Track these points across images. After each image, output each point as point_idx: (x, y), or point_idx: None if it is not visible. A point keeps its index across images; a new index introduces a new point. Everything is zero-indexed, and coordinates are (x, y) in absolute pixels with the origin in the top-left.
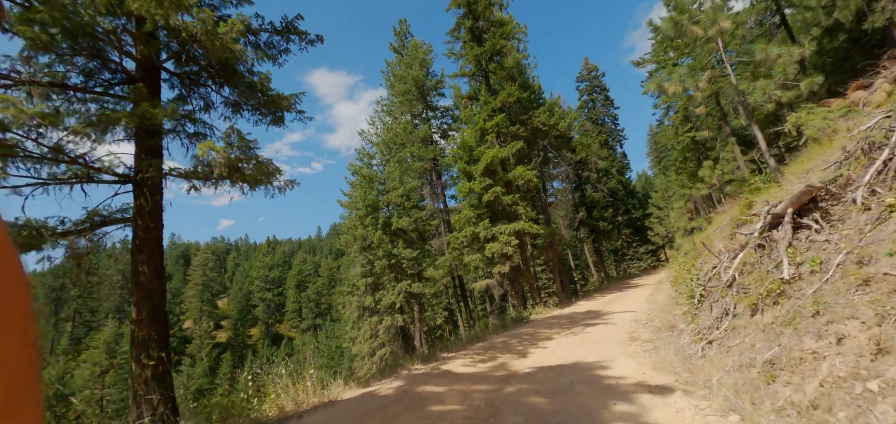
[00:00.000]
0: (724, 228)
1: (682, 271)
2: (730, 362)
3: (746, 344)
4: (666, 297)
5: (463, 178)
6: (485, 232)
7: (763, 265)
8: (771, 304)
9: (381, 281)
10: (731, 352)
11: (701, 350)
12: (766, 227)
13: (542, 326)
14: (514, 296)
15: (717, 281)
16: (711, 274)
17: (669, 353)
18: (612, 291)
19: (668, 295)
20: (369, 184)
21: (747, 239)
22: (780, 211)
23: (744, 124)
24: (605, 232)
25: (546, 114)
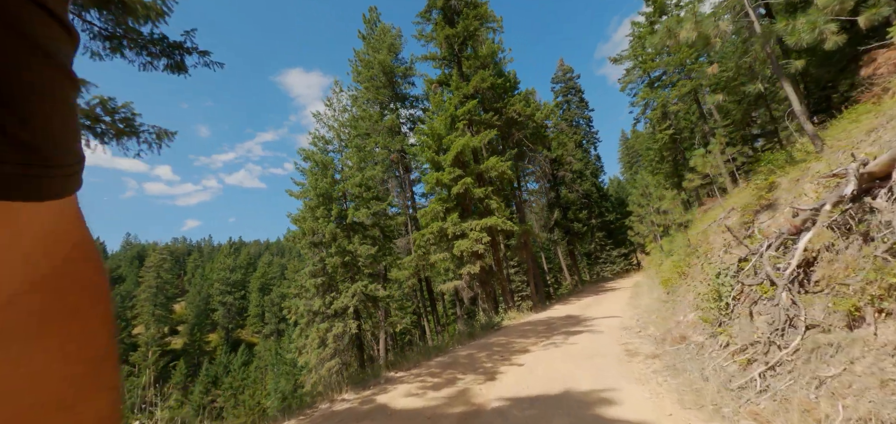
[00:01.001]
0: (725, 220)
1: (675, 269)
2: (835, 410)
3: (863, 376)
4: (653, 300)
5: (431, 169)
6: (454, 228)
7: (850, 250)
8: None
9: (334, 281)
10: (827, 389)
11: (758, 379)
12: (854, 195)
13: (515, 334)
14: (485, 300)
15: (751, 278)
16: (745, 270)
17: (697, 378)
18: (587, 294)
19: (657, 298)
20: (323, 172)
21: (812, 215)
22: (879, 168)
23: (762, 89)
24: (580, 235)
25: (522, 103)
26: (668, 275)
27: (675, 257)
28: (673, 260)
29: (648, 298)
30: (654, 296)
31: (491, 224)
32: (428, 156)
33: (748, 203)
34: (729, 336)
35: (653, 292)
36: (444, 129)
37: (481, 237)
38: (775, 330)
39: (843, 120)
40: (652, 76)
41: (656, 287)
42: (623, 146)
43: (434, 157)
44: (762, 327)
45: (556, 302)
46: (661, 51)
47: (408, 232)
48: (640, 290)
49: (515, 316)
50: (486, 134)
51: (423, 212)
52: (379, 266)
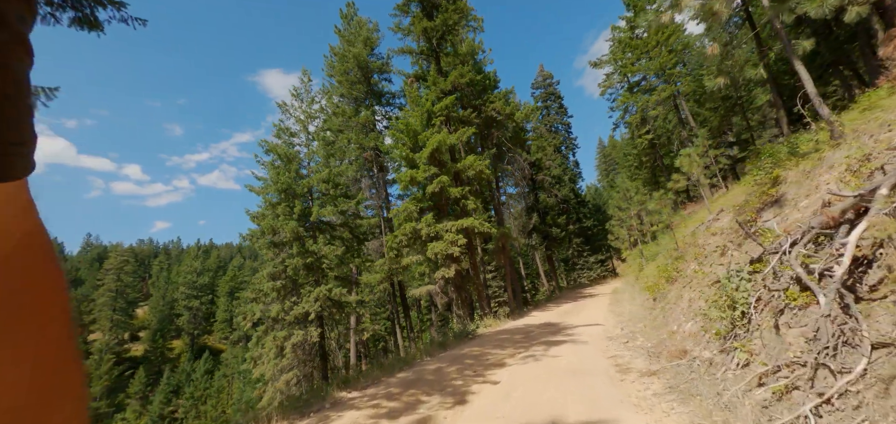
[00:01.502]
0: (713, 222)
1: (662, 274)
2: None
3: None
4: (637, 307)
5: (405, 166)
6: (428, 229)
7: None
8: None
9: (296, 285)
10: None
11: (810, 417)
12: None
13: (491, 344)
14: (460, 305)
15: (774, 282)
16: (764, 272)
17: (714, 406)
18: (565, 301)
19: (641, 305)
20: (287, 166)
21: (856, 203)
22: None
23: (763, 76)
24: (558, 240)
25: (501, 101)
26: (653, 281)
27: (662, 261)
28: (658, 264)
29: (631, 305)
30: (638, 303)
31: (467, 225)
32: (402, 153)
33: (747, 201)
34: (748, 353)
35: (635, 298)
36: (419, 125)
37: (457, 239)
38: (823, 348)
39: (858, 106)
40: (631, 80)
41: (638, 293)
42: (600, 154)
43: (409, 155)
44: (797, 343)
45: (533, 309)
46: (640, 55)
47: (382, 234)
48: (620, 297)
49: (491, 323)
50: (464, 131)
51: (396, 212)
52: (347, 268)
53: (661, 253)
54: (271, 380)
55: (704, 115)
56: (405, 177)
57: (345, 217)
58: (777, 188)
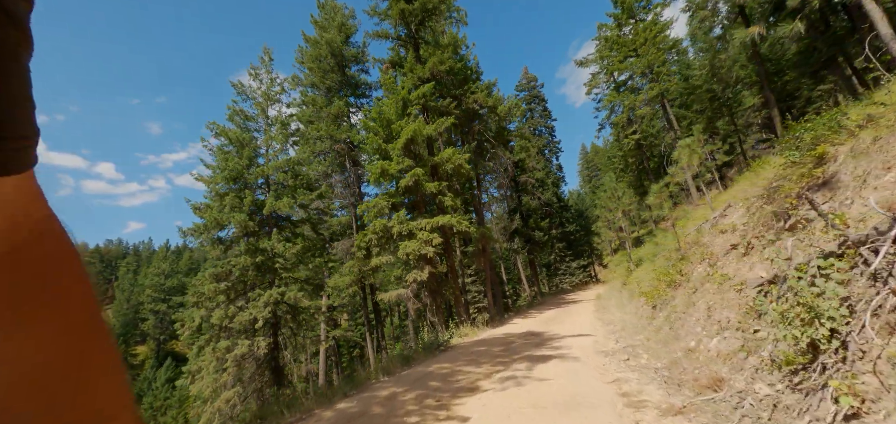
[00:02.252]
0: (720, 218)
1: (663, 278)
2: None
3: None
4: (631, 316)
5: (376, 158)
6: (400, 226)
7: None
8: None
9: (246, 287)
10: None
11: None
12: None
13: (465, 359)
14: (434, 312)
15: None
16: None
17: None
18: (547, 307)
19: (636, 314)
20: (239, 151)
21: None
22: None
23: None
24: (541, 244)
25: (483, 93)
26: (648, 286)
27: (660, 263)
28: (656, 267)
29: (621, 313)
30: (630, 311)
31: (444, 223)
32: (374, 143)
33: (779, 186)
34: (855, 395)
35: (625, 305)
36: (394, 114)
37: (432, 238)
38: None
39: None
40: (618, 80)
41: (628, 299)
42: (583, 160)
43: (382, 145)
44: None
45: (514, 315)
46: (628, 54)
47: (354, 233)
48: (606, 303)
49: (468, 331)
50: (442, 122)
51: (366, 207)
52: (308, 270)
53: (659, 254)
54: (210, 399)
55: (691, 118)
56: (376, 169)
57: (307, 212)
58: (824, 167)
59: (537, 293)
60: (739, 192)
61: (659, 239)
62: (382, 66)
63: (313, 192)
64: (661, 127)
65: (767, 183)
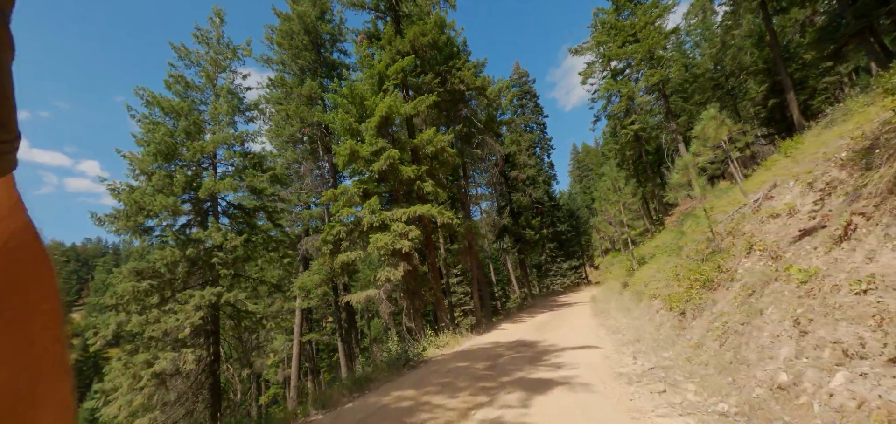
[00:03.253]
0: (767, 202)
1: (693, 276)
2: None
3: None
4: (642, 322)
5: (346, 138)
6: (371, 216)
7: None
8: None
9: (174, 286)
10: None
11: None
12: None
13: (437, 382)
14: (412, 315)
15: None
16: None
17: None
18: (539, 309)
19: (650, 320)
20: (175, 123)
21: None
22: None
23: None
24: (531, 243)
25: (470, 72)
26: (665, 287)
27: (679, 258)
28: (675, 263)
29: (628, 318)
30: (642, 317)
31: (423, 213)
32: (345, 122)
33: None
34: None
35: (631, 310)
36: (369, 91)
37: (408, 231)
38: None
39: None
40: (616, 67)
41: (633, 302)
42: (574, 159)
43: (353, 125)
44: None
45: (503, 319)
46: (627, 39)
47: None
48: (605, 306)
49: (448, 341)
50: (423, 99)
51: (332, 195)
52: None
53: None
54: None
55: (691, 110)
56: (344, 150)
57: (262, 200)
58: None
59: (527, 294)
60: (780, 171)
61: (665, 234)
62: (357, 36)
63: (264, 174)
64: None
65: (858, 140)
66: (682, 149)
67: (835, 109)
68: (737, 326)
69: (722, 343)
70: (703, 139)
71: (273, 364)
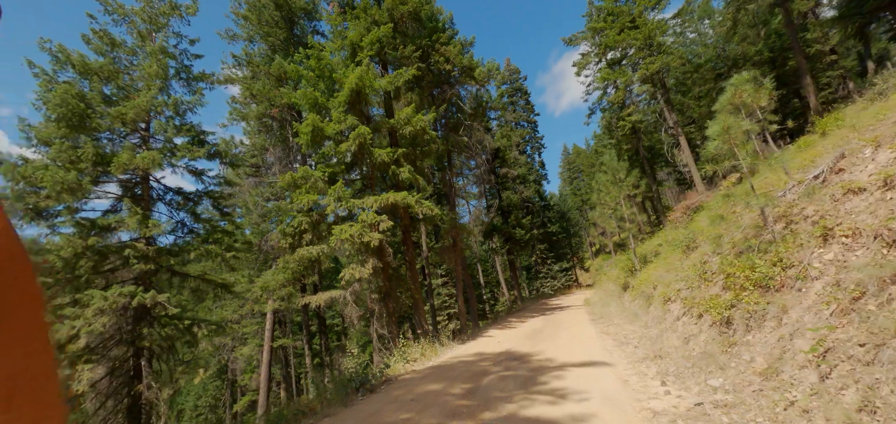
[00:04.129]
0: (835, 176)
1: (740, 271)
2: None
3: None
4: (663, 333)
5: (310, 113)
6: (336, 204)
7: None
8: None
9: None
10: None
11: None
12: None
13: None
14: (385, 321)
15: None
16: None
17: None
18: (529, 313)
19: (670, 328)
20: (90, 85)
21: None
22: None
23: None
24: (522, 243)
25: (456, 48)
26: (686, 288)
27: (714, 253)
28: (724, 259)
29: (635, 326)
30: (659, 325)
31: (397, 202)
32: (310, 98)
33: None
34: None
35: (639, 316)
36: (340, 63)
37: (378, 221)
38: None
39: None
40: (614, 56)
41: (640, 306)
42: (564, 161)
43: (319, 100)
44: None
45: (491, 324)
46: (625, 25)
47: None
48: (604, 310)
49: (423, 352)
50: (402, 73)
51: (291, 180)
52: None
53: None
54: None
55: (689, 104)
56: (306, 127)
57: (205, 183)
58: None
59: (517, 297)
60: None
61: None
62: (329, 4)
63: (201, 148)
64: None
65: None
66: (682, 142)
67: (884, 79)
68: (853, 348)
69: (826, 373)
70: (737, 106)
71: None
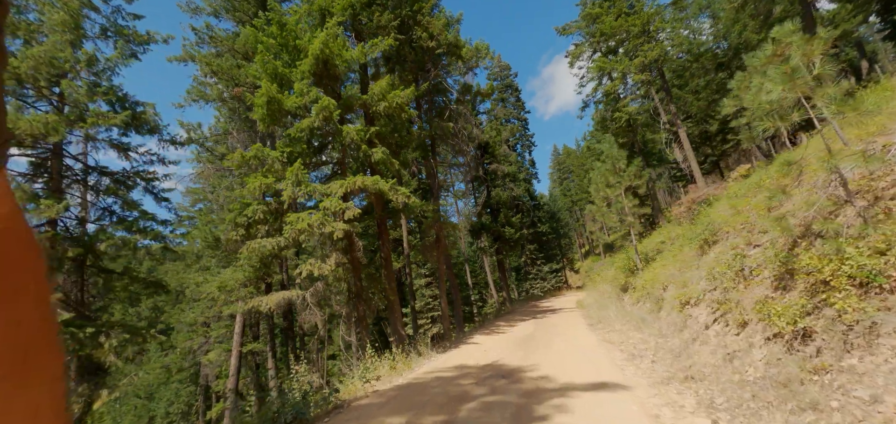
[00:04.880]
0: None
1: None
2: None
3: None
4: (700, 349)
5: (267, 82)
6: (294, 188)
7: None
8: None
9: None
10: None
11: None
12: None
13: None
14: (352, 326)
15: None
16: None
17: None
18: (519, 316)
19: (693, 337)
20: None
21: None
22: None
23: None
24: (511, 242)
25: (440, 21)
26: (739, 293)
27: (823, 239)
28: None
29: (641, 333)
30: (669, 333)
31: (368, 186)
32: (268, 66)
33: None
34: None
35: (648, 321)
36: (306, 30)
37: (343, 209)
38: None
39: None
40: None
41: (648, 310)
42: (554, 161)
43: (281, 70)
44: None
45: (477, 329)
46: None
47: None
48: (601, 314)
49: (393, 366)
50: (377, 43)
51: (241, 159)
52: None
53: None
54: None
55: (687, 99)
56: (261, 99)
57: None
58: None
59: (506, 299)
60: None
61: (670, 228)
62: None
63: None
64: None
65: None
66: (682, 134)
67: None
68: None
69: None
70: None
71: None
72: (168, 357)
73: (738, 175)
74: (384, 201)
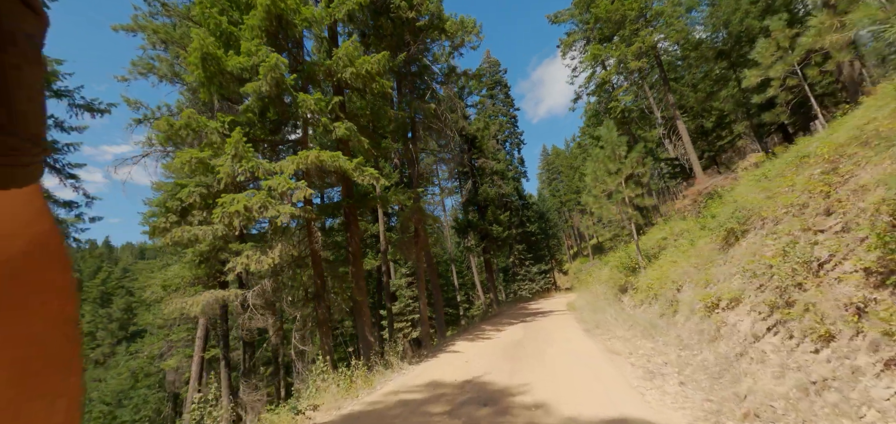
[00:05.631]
0: None
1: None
2: None
3: None
4: (745, 364)
5: (202, 34)
6: (234, 163)
7: None
8: None
9: None
10: None
11: None
12: None
13: None
14: (310, 332)
15: None
16: None
17: None
18: (507, 319)
19: (734, 352)
20: None
21: None
22: None
23: None
24: (499, 241)
25: None
26: (801, 295)
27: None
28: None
29: (653, 342)
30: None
31: (324, 162)
32: (211, 21)
33: None
34: None
35: (658, 327)
36: None
37: (292, 188)
38: None
39: None
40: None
41: (658, 314)
42: (543, 162)
43: (225, 26)
44: None
45: (460, 335)
46: None
47: None
48: (597, 317)
49: (350, 383)
50: (343, 2)
51: (167, 129)
52: None
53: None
54: None
55: (684, 92)
56: (195, 55)
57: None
58: None
59: (494, 300)
60: None
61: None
62: None
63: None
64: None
65: None
66: (680, 127)
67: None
68: None
69: None
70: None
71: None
72: (135, 361)
73: (750, 164)
74: (351, 185)
